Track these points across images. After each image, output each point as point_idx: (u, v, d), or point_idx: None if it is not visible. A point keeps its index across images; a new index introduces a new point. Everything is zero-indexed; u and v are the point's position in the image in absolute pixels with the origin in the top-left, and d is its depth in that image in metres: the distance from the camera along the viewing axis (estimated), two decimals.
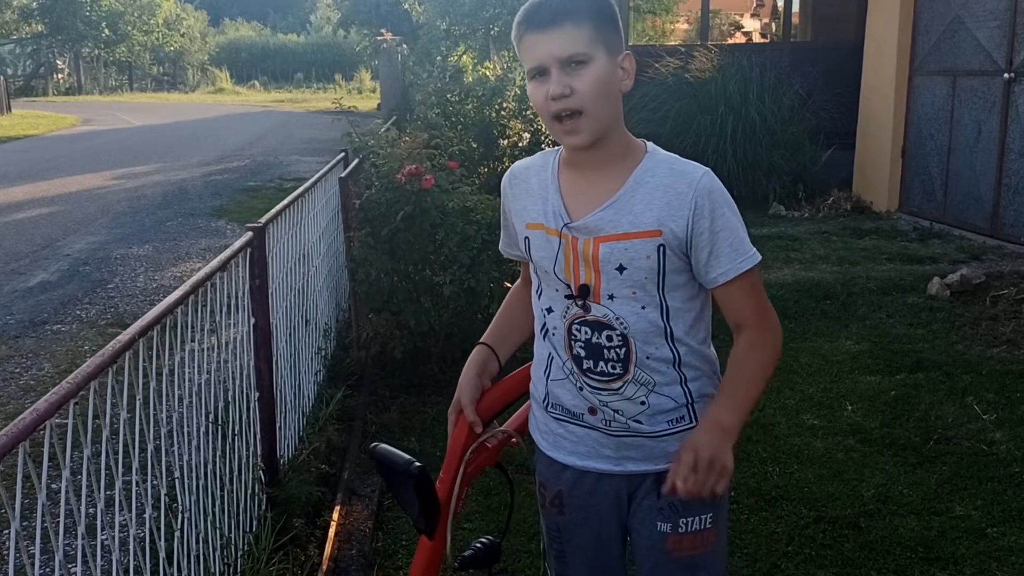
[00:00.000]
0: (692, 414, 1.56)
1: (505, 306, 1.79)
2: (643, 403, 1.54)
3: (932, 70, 7.93)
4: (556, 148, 1.61)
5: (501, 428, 1.71)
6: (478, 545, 1.68)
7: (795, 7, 12.41)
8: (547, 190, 1.56)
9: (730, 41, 21.89)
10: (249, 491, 2.72)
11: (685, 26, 24.71)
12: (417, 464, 1.53)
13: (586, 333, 1.54)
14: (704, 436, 1.47)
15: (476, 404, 1.66)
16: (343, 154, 5.26)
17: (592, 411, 1.57)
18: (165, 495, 2.07)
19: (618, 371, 1.53)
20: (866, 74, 8.82)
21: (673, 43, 14.92)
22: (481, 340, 1.74)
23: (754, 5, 24.04)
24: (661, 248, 1.47)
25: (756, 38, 23.12)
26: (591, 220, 1.50)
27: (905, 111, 8.29)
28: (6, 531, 2.74)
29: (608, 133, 1.49)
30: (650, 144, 1.55)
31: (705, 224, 1.47)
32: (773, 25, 21.12)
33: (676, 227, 1.47)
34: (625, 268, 1.48)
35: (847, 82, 9.01)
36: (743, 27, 26.14)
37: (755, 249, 1.51)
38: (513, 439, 1.71)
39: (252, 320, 2.82)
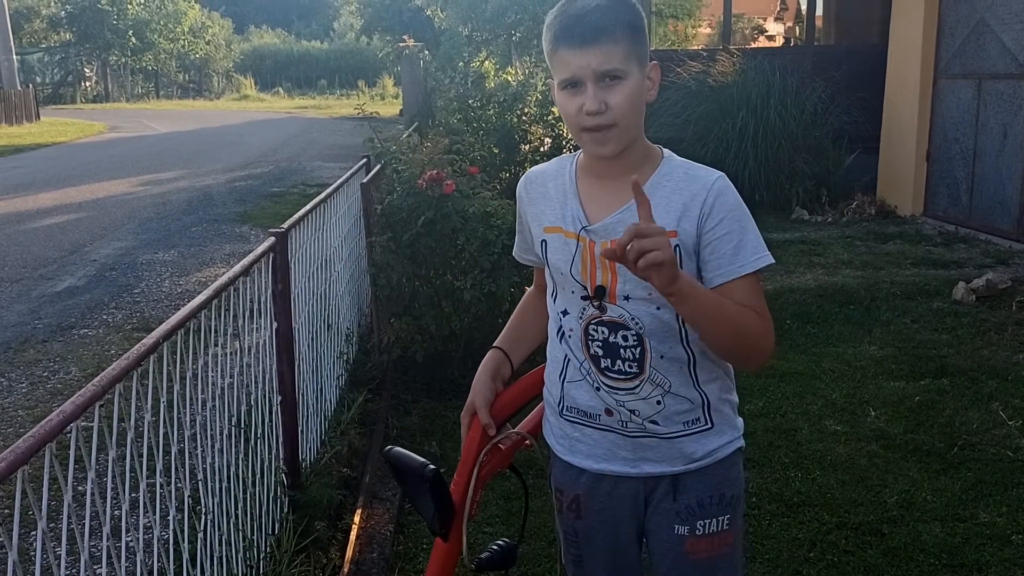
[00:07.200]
0: (707, 416, 1.57)
1: (519, 311, 1.80)
2: (659, 403, 1.55)
3: (957, 73, 7.85)
4: (572, 154, 1.63)
5: (514, 430, 1.72)
6: (495, 547, 1.68)
7: (818, 10, 12.33)
8: (565, 195, 1.58)
9: (753, 45, 21.78)
10: (271, 494, 2.75)
11: (707, 30, 24.62)
12: (431, 467, 1.54)
13: (603, 333, 1.55)
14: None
15: (490, 407, 1.67)
16: (365, 160, 5.30)
17: (608, 412, 1.58)
18: (189, 497, 2.10)
19: (634, 370, 1.54)
20: (890, 77, 8.75)
21: (695, 47, 14.87)
22: (495, 344, 1.75)
23: (777, 9, 23.90)
24: (676, 249, 1.48)
25: (779, 42, 22.98)
26: (609, 222, 1.51)
27: (930, 114, 8.22)
28: (33, 532, 2.78)
29: (632, 141, 1.51)
30: (666, 150, 1.57)
31: (711, 224, 1.48)
32: (796, 29, 20.98)
33: (689, 227, 1.48)
34: None
35: (871, 85, 8.94)
36: (766, 31, 25.99)
37: (761, 255, 1.48)
38: (526, 441, 1.72)
39: (275, 324, 2.85)
